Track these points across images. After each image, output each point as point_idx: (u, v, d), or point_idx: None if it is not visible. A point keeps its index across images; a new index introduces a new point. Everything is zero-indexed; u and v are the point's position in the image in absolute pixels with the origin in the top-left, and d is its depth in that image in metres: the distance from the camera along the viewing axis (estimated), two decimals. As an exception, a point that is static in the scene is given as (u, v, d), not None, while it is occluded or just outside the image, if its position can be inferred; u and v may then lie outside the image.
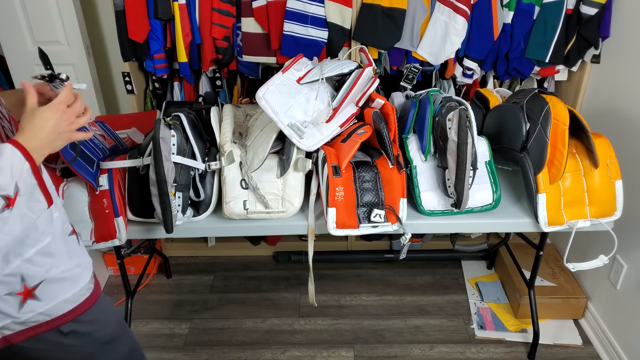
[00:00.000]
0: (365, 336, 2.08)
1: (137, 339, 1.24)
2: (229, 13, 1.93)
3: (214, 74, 2.19)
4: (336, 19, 1.91)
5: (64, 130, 0.92)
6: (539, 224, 1.49)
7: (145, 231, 1.48)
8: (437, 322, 2.15)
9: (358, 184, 1.41)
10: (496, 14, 1.90)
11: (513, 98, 1.63)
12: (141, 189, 1.41)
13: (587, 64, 2.02)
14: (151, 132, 1.42)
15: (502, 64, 2.05)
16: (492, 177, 1.52)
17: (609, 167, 1.48)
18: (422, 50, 1.97)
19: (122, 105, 2.57)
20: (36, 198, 0.89)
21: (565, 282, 2.16)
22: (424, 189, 1.50)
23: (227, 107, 1.64)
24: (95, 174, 1.40)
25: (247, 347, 2.04)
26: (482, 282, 2.38)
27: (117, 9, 1.91)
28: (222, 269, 2.53)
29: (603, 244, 1.94)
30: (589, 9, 1.86)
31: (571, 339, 2.05)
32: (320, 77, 1.48)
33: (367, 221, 1.40)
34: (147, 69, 2.09)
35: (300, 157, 1.44)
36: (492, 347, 2.02)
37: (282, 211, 1.45)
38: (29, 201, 0.87)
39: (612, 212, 1.51)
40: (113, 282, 2.42)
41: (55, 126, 0.91)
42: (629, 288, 1.83)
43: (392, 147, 1.40)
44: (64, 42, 2.16)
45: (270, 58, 2.01)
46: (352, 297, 2.31)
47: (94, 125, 1.57)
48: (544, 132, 1.44)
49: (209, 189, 1.47)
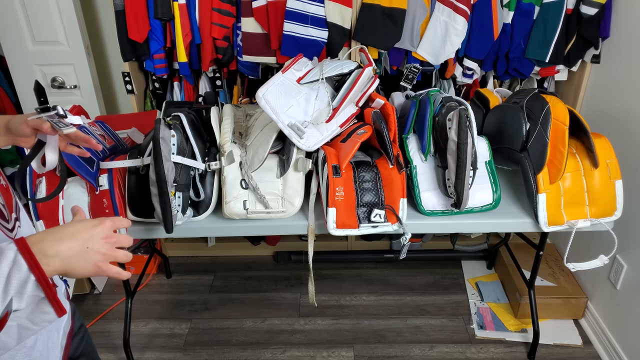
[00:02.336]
0: (365, 336, 2.08)
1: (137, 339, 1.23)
2: (229, 13, 1.93)
3: (214, 74, 2.19)
4: (336, 19, 1.91)
5: (95, 247, 0.70)
6: (539, 224, 1.49)
7: (145, 231, 1.48)
8: (437, 322, 2.15)
9: (358, 184, 1.41)
10: (496, 14, 1.90)
11: (513, 98, 1.63)
12: (141, 189, 1.41)
13: (587, 64, 2.02)
14: (151, 132, 1.42)
15: (502, 64, 2.05)
16: (492, 177, 1.52)
17: (609, 167, 1.48)
18: (422, 50, 1.97)
19: (122, 105, 2.57)
20: (43, 310, 0.70)
21: (565, 282, 2.16)
22: (424, 189, 1.50)
23: (227, 107, 1.64)
24: (95, 174, 1.40)
25: (247, 347, 2.04)
26: (482, 282, 2.38)
27: (117, 9, 1.92)
28: (222, 269, 2.53)
29: (603, 244, 1.94)
30: (589, 9, 1.86)
31: (571, 339, 2.05)
32: (320, 77, 1.48)
33: (367, 221, 1.40)
34: (147, 69, 2.09)
35: (300, 157, 1.44)
36: (492, 347, 2.02)
37: (282, 211, 1.45)
38: (33, 314, 0.70)
39: (612, 212, 1.51)
40: (113, 282, 2.42)
41: (88, 238, 0.70)
42: (629, 288, 1.83)
43: (392, 147, 1.40)
44: (64, 42, 2.16)
45: (270, 58, 2.00)
46: (352, 297, 2.31)
47: (94, 125, 1.57)
48: (544, 132, 1.44)
49: (209, 189, 1.47)
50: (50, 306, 0.69)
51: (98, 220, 0.72)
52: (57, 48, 2.18)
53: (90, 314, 2.22)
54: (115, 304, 2.28)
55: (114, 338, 2.09)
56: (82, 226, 0.70)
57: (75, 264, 0.68)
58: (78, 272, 0.69)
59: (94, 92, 2.30)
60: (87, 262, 0.69)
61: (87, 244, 0.69)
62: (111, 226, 0.73)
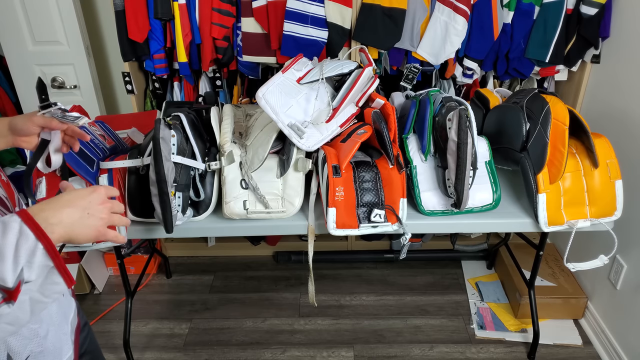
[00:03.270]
0: (365, 336, 2.08)
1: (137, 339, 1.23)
2: (229, 13, 1.93)
3: (214, 73, 2.19)
4: (336, 19, 1.91)
5: (96, 213, 0.73)
6: (539, 224, 1.49)
7: (145, 231, 1.48)
8: (437, 322, 2.15)
9: (358, 184, 1.41)
10: (496, 14, 1.90)
11: (513, 98, 1.63)
12: (141, 189, 1.41)
13: (587, 64, 2.02)
14: (151, 132, 1.41)
15: (502, 64, 2.05)
16: (492, 177, 1.52)
17: (609, 167, 1.48)
18: (422, 50, 1.97)
19: (122, 105, 2.57)
20: (53, 280, 0.69)
21: (565, 282, 2.16)
22: (424, 189, 1.50)
23: (227, 107, 1.64)
24: (95, 174, 1.40)
25: (247, 347, 2.04)
26: (482, 282, 2.38)
27: (117, 9, 1.92)
28: (222, 269, 2.53)
29: (603, 244, 1.94)
30: (589, 9, 1.86)
31: (571, 339, 2.05)
32: (320, 77, 1.48)
33: (367, 221, 1.40)
34: (147, 69, 2.09)
35: (300, 157, 1.44)
36: (492, 347, 2.02)
37: (282, 211, 1.45)
38: (43, 285, 0.68)
39: (612, 212, 1.51)
40: (113, 282, 2.42)
41: (87, 204, 0.72)
42: (629, 288, 1.83)
43: (392, 147, 1.40)
44: (64, 42, 2.16)
45: (270, 58, 2.00)
46: (352, 297, 2.31)
47: (94, 125, 1.57)
48: (544, 132, 1.44)
49: (209, 189, 1.47)
50: (59, 276, 0.69)
51: (92, 188, 0.75)
52: (57, 48, 2.18)
53: (90, 314, 2.22)
54: (115, 304, 2.28)
55: (114, 338, 2.09)
56: (78, 194, 0.73)
57: (78, 230, 0.70)
58: (81, 237, 0.71)
59: (94, 92, 2.30)
60: (89, 227, 0.72)
61: (87, 210, 0.72)
62: (105, 193, 0.76)
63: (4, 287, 0.62)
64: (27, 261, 0.64)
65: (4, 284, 0.62)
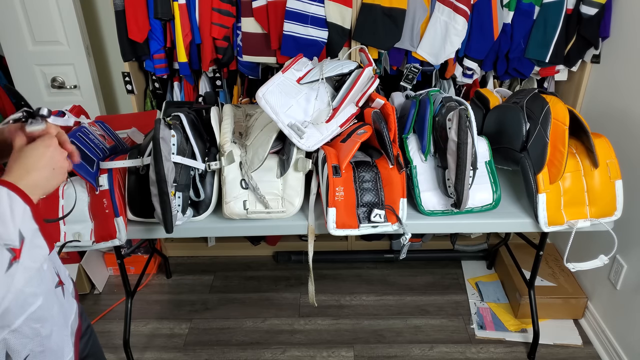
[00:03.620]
0: (365, 336, 2.08)
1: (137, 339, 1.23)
2: (229, 13, 1.93)
3: (214, 73, 2.19)
4: (336, 19, 1.91)
5: (58, 165, 0.80)
6: (539, 224, 1.49)
7: (145, 231, 1.48)
8: (437, 322, 2.15)
9: (358, 184, 1.41)
10: (496, 14, 1.90)
11: (513, 98, 1.63)
12: (141, 189, 1.41)
13: (587, 64, 2.02)
14: (151, 132, 1.41)
15: (502, 64, 2.05)
16: (492, 177, 1.52)
17: (609, 167, 1.48)
18: (422, 50, 1.97)
19: (122, 105, 2.57)
20: (37, 244, 0.75)
21: (565, 282, 2.16)
22: (424, 189, 1.50)
23: (227, 107, 1.64)
24: (95, 174, 1.40)
25: (247, 347, 2.04)
26: (482, 282, 2.38)
27: (117, 9, 1.92)
28: (222, 269, 2.53)
29: (603, 244, 1.94)
30: (589, 9, 1.86)
31: (571, 339, 2.05)
32: (320, 77, 1.48)
33: (367, 221, 1.40)
34: (147, 69, 2.09)
35: (300, 157, 1.44)
36: (492, 347, 2.02)
37: (282, 211, 1.45)
38: (30, 249, 0.73)
39: (612, 212, 1.51)
40: (113, 282, 2.42)
41: (50, 161, 0.78)
42: (629, 288, 1.83)
43: (392, 147, 1.40)
44: (64, 42, 2.16)
45: (270, 58, 2.00)
46: (352, 297, 2.31)
47: (94, 125, 1.57)
48: (544, 132, 1.44)
49: (209, 189, 1.47)
50: (42, 239, 0.76)
51: (45, 143, 0.80)
52: (57, 48, 2.18)
53: (91, 314, 2.22)
54: (115, 304, 2.28)
55: (114, 338, 2.09)
56: (39, 153, 0.78)
57: (51, 184, 0.80)
58: (52, 188, 0.80)
59: (94, 92, 2.30)
60: (57, 178, 0.81)
61: (52, 166, 0.79)
62: (56, 142, 0.82)
63: (12, 247, 0.69)
64: (21, 223, 0.71)
65: (11, 243, 0.69)
